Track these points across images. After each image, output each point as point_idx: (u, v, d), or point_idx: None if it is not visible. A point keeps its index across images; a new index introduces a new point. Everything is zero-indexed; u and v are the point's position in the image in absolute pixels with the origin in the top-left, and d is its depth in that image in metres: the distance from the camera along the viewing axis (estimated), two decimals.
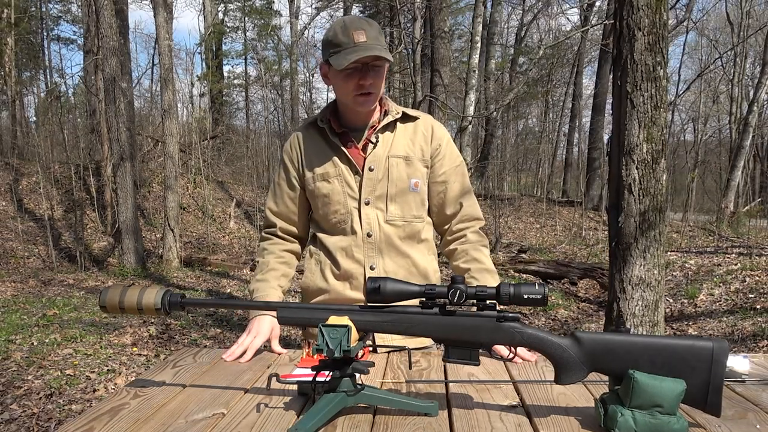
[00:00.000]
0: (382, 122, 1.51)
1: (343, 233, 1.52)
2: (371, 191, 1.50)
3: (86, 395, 3.68)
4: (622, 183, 3.26)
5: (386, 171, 1.49)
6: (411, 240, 1.54)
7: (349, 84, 1.43)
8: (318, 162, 1.53)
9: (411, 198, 1.52)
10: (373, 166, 1.49)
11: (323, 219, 1.55)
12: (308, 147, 1.55)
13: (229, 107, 22.97)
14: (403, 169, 1.50)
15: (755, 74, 17.68)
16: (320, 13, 21.89)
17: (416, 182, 1.51)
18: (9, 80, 14.70)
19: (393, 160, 1.50)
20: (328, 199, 1.51)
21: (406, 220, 1.52)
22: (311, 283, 1.57)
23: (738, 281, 6.80)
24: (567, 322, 6.12)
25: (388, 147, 1.51)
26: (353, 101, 1.45)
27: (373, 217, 1.50)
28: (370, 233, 1.50)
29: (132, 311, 1.08)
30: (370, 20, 1.46)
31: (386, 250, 1.51)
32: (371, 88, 1.43)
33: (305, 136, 1.56)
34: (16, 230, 9.70)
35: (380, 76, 1.45)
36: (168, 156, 9.31)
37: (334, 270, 1.53)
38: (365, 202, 1.50)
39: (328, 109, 1.56)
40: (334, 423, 0.99)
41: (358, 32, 1.38)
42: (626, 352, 0.95)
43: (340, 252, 1.51)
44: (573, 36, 15.66)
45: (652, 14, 3.14)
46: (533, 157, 22.30)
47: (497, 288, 0.99)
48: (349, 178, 1.50)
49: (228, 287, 7.81)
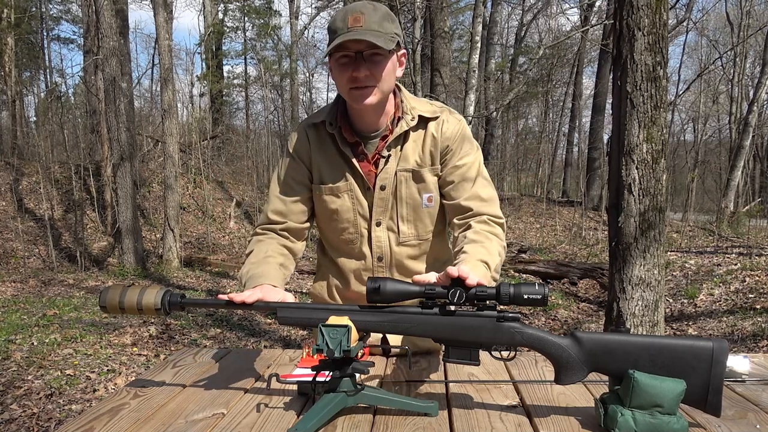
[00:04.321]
0: (395, 131, 1.34)
1: (351, 255, 1.43)
2: (383, 211, 1.38)
3: (86, 395, 3.68)
4: (622, 183, 3.26)
5: (396, 189, 1.36)
6: (426, 257, 1.44)
7: (342, 76, 1.27)
8: (328, 172, 1.38)
9: (425, 214, 1.39)
10: (384, 185, 1.36)
11: (329, 233, 1.45)
12: (319, 151, 1.39)
13: (229, 107, 22.98)
14: (414, 186, 1.37)
15: (755, 74, 17.68)
16: (320, 13, 21.88)
17: (429, 196, 1.38)
18: (9, 80, 14.69)
19: (402, 175, 1.36)
20: (337, 215, 1.40)
21: (421, 238, 1.41)
22: (319, 294, 1.52)
23: (738, 281, 6.79)
24: (567, 322, 6.12)
25: (398, 160, 1.36)
26: (348, 96, 1.29)
27: (384, 240, 1.39)
28: (381, 257, 1.41)
29: (132, 311, 1.08)
30: (378, 6, 1.27)
31: (398, 273, 1.43)
32: (367, 80, 1.25)
33: (315, 137, 1.39)
34: (16, 230, 9.70)
35: (379, 67, 1.25)
36: (168, 156, 9.31)
37: (342, 291, 1.47)
38: (376, 223, 1.39)
39: (336, 109, 1.38)
40: (334, 423, 0.99)
41: (354, 16, 1.22)
42: (626, 352, 0.95)
43: (348, 273, 1.44)
44: (573, 36, 15.66)
45: (652, 14, 3.14)
46: (533, 157, 22.28)
47: (497, 288, 0.99)
48: (359, 195, 1.37)
49: (228, 287, 7.80)
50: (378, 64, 1.26)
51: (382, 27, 1.24)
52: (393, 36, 1.26)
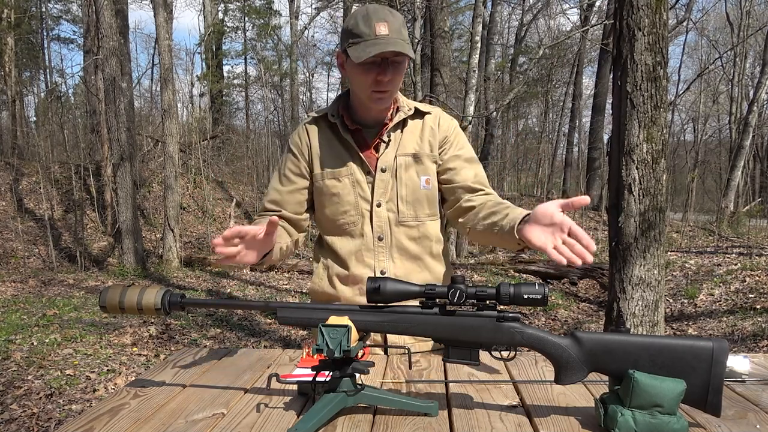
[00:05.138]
0: (394, 119, 1.44)
1: (352, 236, 1.46)
2: (383, 193, 1.44)
3: (86, 395, 3.68)
4: (622, 183, 3.26)
5: (396, 171, 1.44)
6: (423, 241, 1.48)
7: (367, 78, 1.34)
8: (329, 158, 1.45)
9: (423, 196, 1.45)
10: (385, 167, 1.43)
11: (329, 220, 1.48)
12: (319, 141, 1.47)
13: (229, 107, 22.99)
14: (413, 168, 1.44)
15: (755, 74, 17.69)
16: (320, 13, 21.89)
17: (427, 179, 1.45)
18: (9, 80, 14.70)
19: (401, 159, 1.44)
20: (338, 198, 1.45)
21: (420, 219, 1.46)
22: (319, 288, 1.52)
23: (738, 281, 6.80)
24: (567, 322, 6.12)
25: (397, 145, 1.45)
26: (369, 97, 1.37)
27: (384, 220, 1.44)
28: (381, 236, 1.44)
29: (132, 311, 1.08)
30: (395, 11, 1.36)
31: (397, 254, 1.45)
32: (389, 85, 1.35)
33: (315, 130, 1.48)
34: (16, 230, 9.70)
35: (400, 72, 1.36)
36: (168, 156, 9.31)
37: (343, 275, 1.47)
38: (377, 204, 1.44)
39: (339, 102, 1.47)
40: (334, 423, 0.99)
41: (380, 23, 1.30)
42: (626, 352, 0.95)
43: (348, 256, 1.46)
44: (573, 36, 15.66)
45: (652, 14, 3.14)
46: (533, 157, 22.30)
47: (497, 288, 0.99)
48: (360, 178, 1.44)
49: (228, 287, 7.81)
50: (400, 69, 1.36)
51: (402, 34, 1.33)
52: (408, 42, 1.35)
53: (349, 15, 1.38)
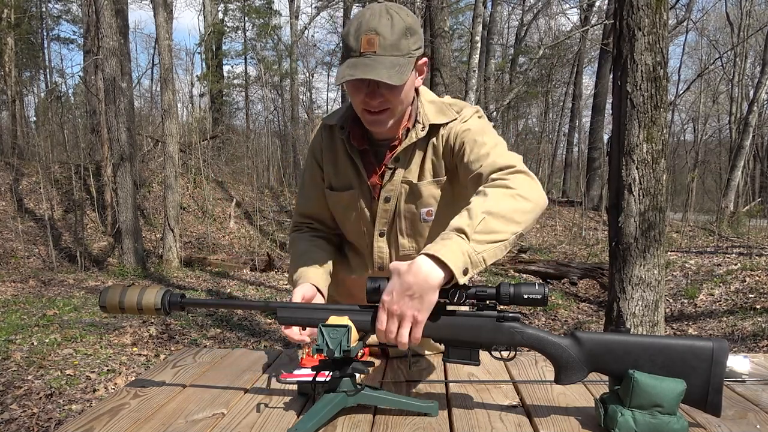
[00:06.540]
0: (403, 144, 1.28)
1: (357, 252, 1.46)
2: (385, 222, 1.36)
3: (86, 395, 3.68)
4: (622, 183, 3.26)
5: (397, 203, 1.33)
6: None
7: (356, 98, 1.21)
8: (336, 177, 1.38)
9: (423, 228, 1.36)
10: (389, 197, 1.33)
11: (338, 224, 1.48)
12: (329, 154, 1.39)
13: (229, 107, 22.98)
14: (412, 200, 1.33)
15: (755, 74, 17.69)
16: (320, 13, 21.90)
17: (428, 210, 1.33)
18: (9, 80, 14.70)
19: (403, 187, 1.32)
20: (342, 224, 1.44)
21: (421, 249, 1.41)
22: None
23: (738, 281, 6.79)
24: (567, 322, 6.12)
25: (403, 172, 1.31)
26: (361, 116, 1.25)
27: (385, 252, 1.39)
28: (381, 267, 1.41)
29: (132, 311, 1.08)
30: (401, 13, 1.17)
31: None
32: (381, 106, 1.19)
33: (328, 139, 1.38)
34: (16, 230, 9.70)
35: (395, 92, 1.17)
36: (168, 156, 9.31)
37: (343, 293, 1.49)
38: (379, 233, 1.38)
39: (349, 113, 1.34)
40: (334, 423, 0.99)
41: (369, 37, 1.12)
42: (626, 352, 0.95)
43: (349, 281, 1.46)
44: (573, 36, 15.66)
45: (652, 14, 3.14)
46: (533, 157, 22.28)
47: (497, 288, 0.99)
48: (363, 205, 1.36)
49: (228, 287, 7.80)
50: (394, 90, 1.17)
51: (399, 48, 1.14)
52: (410, 55, 1.17)
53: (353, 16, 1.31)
